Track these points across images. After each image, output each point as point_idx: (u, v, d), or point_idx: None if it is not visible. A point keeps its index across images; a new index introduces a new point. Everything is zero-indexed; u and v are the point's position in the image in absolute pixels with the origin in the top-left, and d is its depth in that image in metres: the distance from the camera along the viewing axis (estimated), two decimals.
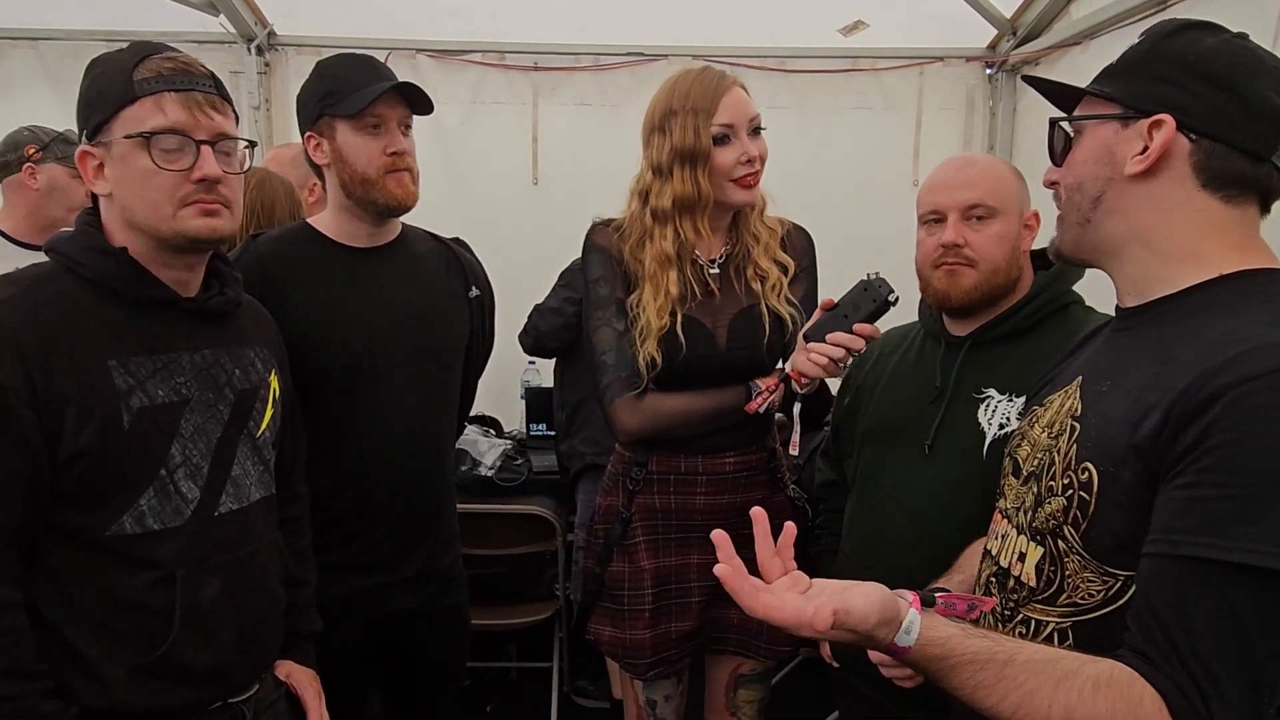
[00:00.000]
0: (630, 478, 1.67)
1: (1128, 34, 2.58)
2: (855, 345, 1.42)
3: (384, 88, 1.51)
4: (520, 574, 2.82)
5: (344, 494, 1.61)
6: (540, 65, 3.45)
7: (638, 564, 1.65)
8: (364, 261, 1.63)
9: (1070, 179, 1.01)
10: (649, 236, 1.60)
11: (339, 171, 1.57)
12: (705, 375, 1.59)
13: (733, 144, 1.56)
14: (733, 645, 1.72)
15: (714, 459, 1.64)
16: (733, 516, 1.64)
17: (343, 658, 1.61)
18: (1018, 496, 1.06)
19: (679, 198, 1.56)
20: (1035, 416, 1.09)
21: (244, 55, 3.34)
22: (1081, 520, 0.93)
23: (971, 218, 1.41)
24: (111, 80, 1.16)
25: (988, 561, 1.11)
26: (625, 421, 1.59)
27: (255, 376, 1.32)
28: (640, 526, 1.66)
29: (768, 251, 1.65)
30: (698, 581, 1.67)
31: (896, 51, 3.43)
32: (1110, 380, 0.98)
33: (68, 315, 1.13)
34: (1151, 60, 0.96)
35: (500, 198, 3.46)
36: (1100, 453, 0.93)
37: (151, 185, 1.15)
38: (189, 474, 1.21)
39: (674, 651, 1.69)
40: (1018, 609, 1.02)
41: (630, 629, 1.66)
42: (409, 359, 1.63)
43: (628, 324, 1.59)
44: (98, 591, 1.15)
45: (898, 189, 3.37)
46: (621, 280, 1.62)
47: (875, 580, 1.36)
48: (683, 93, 1.56)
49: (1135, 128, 0.95)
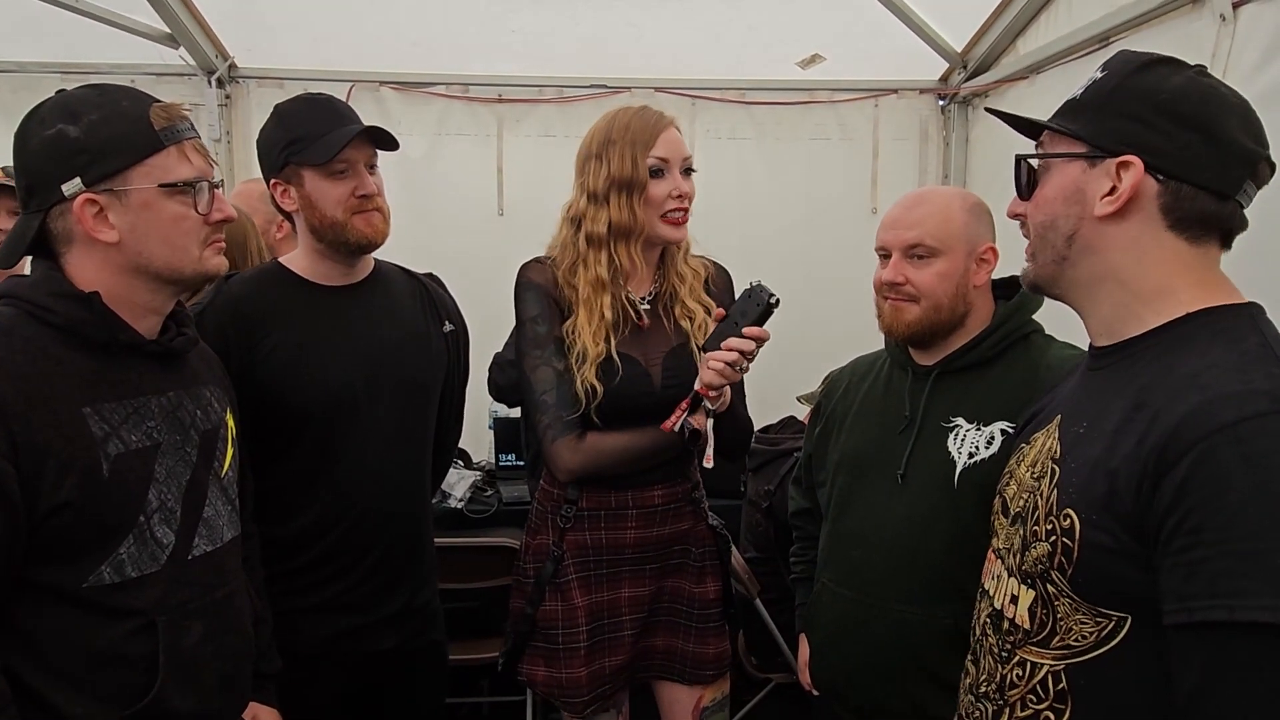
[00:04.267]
0: (561, 515, 1.66)
1: (1073, 69, 2.70)
2: (745, 348, 1.46)
3: (350, 134, 1.51)
4: (493, 607, 2.77)
5: (326, 535, 1.59)
6: (504, 97, 3.48)
7: (571, 601, 1.65)
8: (339, 300, 1.63)
9: (1041, 216, 1.02)
10: (582, 262, 1.62)
11: (308, 217, 1.56)
12: (643, 412, 1.59)
13: (666, 178, 1.59)
14: (656, 669, 1.74)
15: (642, 492, 1.65)
16: (661, 548, 1.69)
17: (326, 700, 1.60)
18: (1008, 537, 1.08)
19: (615, 224, 1.59)
20: (1022, 455, 1.11)
21: (204, 88, 3.31)
22: (1068, 566, 0.94)
23: (913, 256, 1.45)
24: (124, 127, 1.15)
25: (985, 601, 1.12)
26: (567, 461, 1.59)
27: (214, 416, 1.32)
28: (572, 564, 1.66)
29: (693, 292, 1.68)
30: (629, 614, 1.68)
31: (852, 84, 3.52)
32: (1087, 422, 0.99)
33: (38, 364, 1.11)
34: (1119, 97, 0.96)
35: (466, 228, 3.46)
36: (1083, 500, 0.93)
37: (180, 230, 1.19)
38: (164, 519, 1.20)
39: (608, 686, 1.69)
40: (1014, 651, 1.03)
41: (566, 668, 1.65)
42: (387, 396, 1.63)
43: (567, 363, 1.59)
44: (76, 647, 1.12)
45: (856, 217, 3.46)
46: (557, 314, 1.63)
47: (853, 608, 1.38)
48: (622, 125, 1.60)
49: (1103, 167, 0.95)
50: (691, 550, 1.73)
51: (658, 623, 1.72)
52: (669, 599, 1.72)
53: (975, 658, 1.13)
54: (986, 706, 1.07)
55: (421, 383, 1.71)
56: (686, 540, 1.72)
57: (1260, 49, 1.90)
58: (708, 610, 1.72)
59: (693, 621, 1.72)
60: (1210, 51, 2.00)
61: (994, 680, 1.06)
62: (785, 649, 2.56)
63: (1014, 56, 3.14)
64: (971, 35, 3.26)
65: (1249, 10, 1.95)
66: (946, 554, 1.40)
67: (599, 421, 1.60)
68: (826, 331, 2.99)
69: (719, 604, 1.74)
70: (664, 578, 1.71)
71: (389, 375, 1.63)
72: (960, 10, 3.14)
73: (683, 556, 1.72)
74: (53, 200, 1.15)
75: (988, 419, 1.43)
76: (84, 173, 1.14)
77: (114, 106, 1.17)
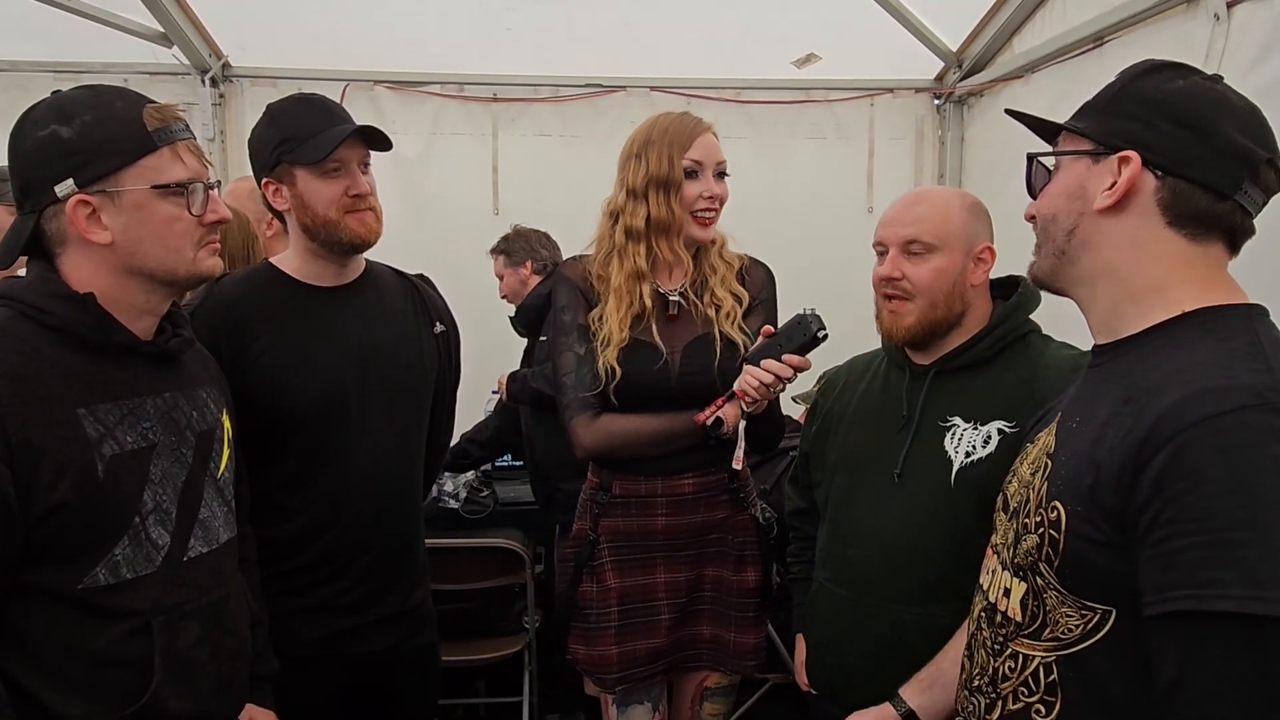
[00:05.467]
0: (596, 501, 1.75)
1: (1068, 68, 2.71)
2: (784, 374, 1.53)
3: (345, 133, 1.51)
4: (489, 608, 2.79)
5: (320, 537, 1.59)
6: (499, 96, 3.47)
7: (604, 583, 1.73)
8: (331, 301, 1.62)
9: (1045, 210, 1.05)
10: (620, 253, 1.71)
11: (300, 216, 1.56)
12: (660, 400, 1.68)
13: (699, 180, 1.69)
14: (706, 660, 1.79)
15: (672, 480, 1.71)
16: (694, 536, 1.74)
17: (320, 702, 1.59)
18: (1005, 532, 1.09)
19: (655, 219, 1.67)
20: (1025, 454, 1.12)
21: (197, 87, 3.30)
22: (1054, 557, 0.96)
23: (910, 252, 1.46)
24: (117, 128, 1.15)
25: (979, 596, 1.14)
26: (580, 438, 1.70)
27: (210, 417, 1.32)
28: (606, 548, 1.74)
29: (724, 283, 1.75)
30: (665, 599, 1.74)
31: (848, 83, 3.53)
32: (1079, 418, 1.01)
33: (34, 364, 1.11)
34: (1122, 98, 1.00)
35: (461, 228, 3.45)
36: (1068, 492, 0.95)
37: (174, 231, 1.18)
38: (159, 520, 1.19)
39: (642, 669, 1.74)
40: (1006, 643, 1.04)
41: (598, 645, 1.73)
42: (380, 397, 1.63)
43: (589, 349, 1.69)
44: (71, 648, 1.12)
45: (852, 216, 3.47)
46: (584, 304, 1.73)
47: (850, 608, 1.39)
48: (662, 128, 1.70)
49: (1106, 163, 0.98)
50: (729, 538, 1.77)
51: (702, 611, 1.78)
52: (711, 588, 1.77)
53: (970, 652, 1.13)
54: (979, 700, 1.08)
55: (414, 384, 1.70)
56: (722, 529, 1.76)
57: (1254, 48, 1.91)
58: (747, 599, 1.77)
59: (733, 610, 1.77)
60: (1204, 50, 2.00)
61: (986, 673, 1.07)
62: (782, 648, 2.56)
63: (1009, 56, 3.14)
64: (967, 35, 3.27)
65: (1242, 10, 1.95)
66: (943, 553, 1.40)
67: (616, 404, 1.68)
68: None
69: (758, 593, 1.78)
70: (703, 565, 1.76)
71: (381, 377, 1.63)
72: (955, 10, 3.15)
73: (720, 545, 1.77)
74: (46, 201, 1.15)
75: (985, 418, 1.43)
76: (76, 174, 1.13)
77: (107, 108, 1.16)
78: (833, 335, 1.56)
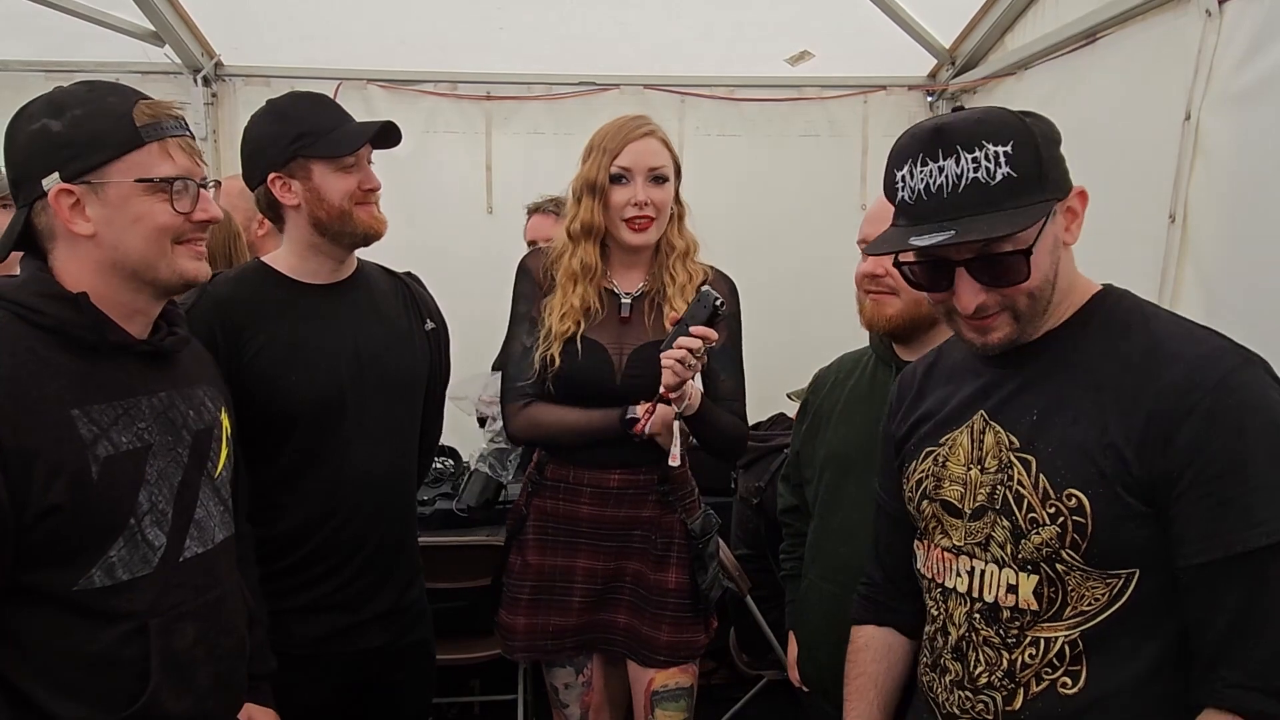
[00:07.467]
0: (531, 480, 1.83)
1: (1060, 64, 2.71)
2: (692, 345, 1.56)
3: (373, 130, 1.55)
4: (483, 606, 2.77)
5: (315, 534, 1.59)
6: (492, 94, 3.47)
7: (526, 559, 1.81)
8: (324, 299, 1.62)
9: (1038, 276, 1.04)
10: (567, 252, 1.76)
11: (313, 210, 1.56)
12: (603, 398, 1.70)
13: (627, 186, 1.69)
14: (620, 647, 1.82)
15: (599, 473, 1.75)
16: (618, 528, 1.78)
17: (319, 700, 1.60)
18: (970, 533, 1.11)
19: (583, 223, 1.72)
20: (940, 456, 1.15)
21: (190, 86, 3.29)
22: (1081, 541, 1.01)
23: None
24: (106, 123, 1.15)
25: (956, 600, 1.14)
26: (509, 424, 1.80)
27: (208, 416, 1.31)
28: (533, 526, 1.81)
29: (682, 292, 1.74)
30: (581, 584, 1.79)
31: (841, 80, 3.53)
32: (1037, 411, 1.06)
33: (27, 365, 1.10)
34: (1045, 149, 1.04)
35: (455, 226, 3.46)
36: (1081, 478, 1.01)
37: (154, 227, 1.17)
38: (155, 520, 1.19)
39: (549, 643, 1.81)
40: (1024, 633, 1.06)
41: (510, 614, 1.82)
42: (374, 395, 1.63)
43: (534, 340, 1.75)
44: (68, 651, 1.11)
45: (845, 213, 3.43)
46: (538, 295, 1.79)
47: (839, 605, 1.40)
48: (604, 132, 1.73)
49: (1060, 207, 1.05)
50: (653, 537, 1.78)
51: (620, 601, 1.81)
52: (631, 580, 1.80)
53: (960, 654, 1.13)
54: (994, 696, 1.09)
55: (407, 381, 1.71)
56: (647, 527, 1.78)
57: (1245, 44, 1.91)
58: (665, 598, 1.78)
59: (649, 606, 1.78)
60: (1195, 47, 2.00)
61: (998, 669, 1.08)
62: (776, 645, 2.56)
63: (1002, 52, 3.15)
64: (959, 31, 3.27)
65: (1234, 5, 1.95)
66: None
67: (555, 395, 1.73)
68: (816, 327, 3.00)
69: (679, 594, 1.78)
70: (624, 558, 1.79)
71: (376, 374, 1.63)
72: (948, 7, 3.15)
73: (644, 542, 1.78)
74: (35, 194, 1.15)
75: None
76: (63, 167, 1.14)
77: (99, 102, 1.16)
78: (827, 332, 1.57)
